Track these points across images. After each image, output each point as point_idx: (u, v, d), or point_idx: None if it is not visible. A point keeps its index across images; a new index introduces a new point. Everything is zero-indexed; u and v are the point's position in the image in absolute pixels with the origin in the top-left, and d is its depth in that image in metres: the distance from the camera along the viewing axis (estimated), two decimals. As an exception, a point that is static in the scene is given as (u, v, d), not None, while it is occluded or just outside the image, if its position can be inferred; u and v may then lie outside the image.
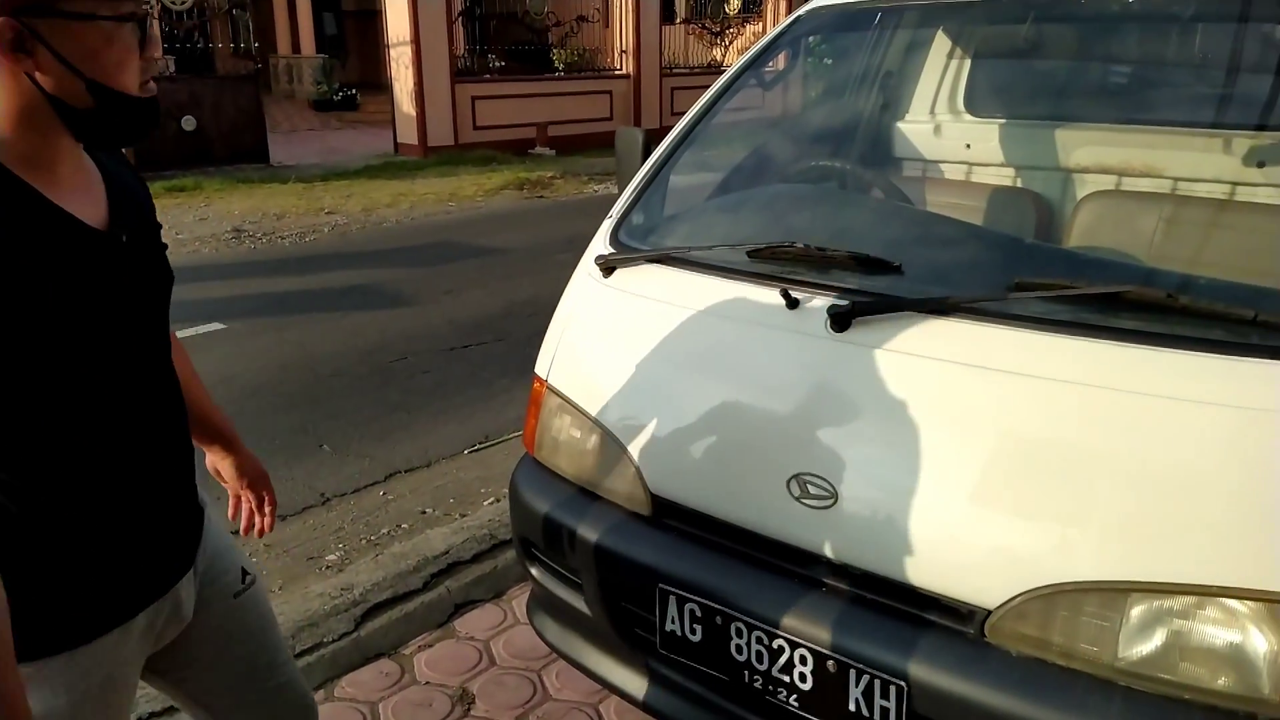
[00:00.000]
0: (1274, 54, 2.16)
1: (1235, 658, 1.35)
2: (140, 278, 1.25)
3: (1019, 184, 2.85)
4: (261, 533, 1.65)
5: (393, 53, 13.46)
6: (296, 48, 20.63)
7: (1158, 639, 1.38)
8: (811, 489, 1.63)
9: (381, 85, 15.44)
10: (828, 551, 1.63)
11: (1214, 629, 1.36)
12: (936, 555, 1.53)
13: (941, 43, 2.92)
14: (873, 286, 1.74)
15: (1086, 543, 1.42)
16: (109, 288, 1.18)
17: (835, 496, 1.61)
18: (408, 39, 12.98)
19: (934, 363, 1.60)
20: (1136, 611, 1.39)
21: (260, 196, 10.41)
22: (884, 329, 1.66)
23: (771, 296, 1.79)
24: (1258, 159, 2.51)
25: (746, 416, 1.77)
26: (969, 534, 1.51)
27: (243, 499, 1.63)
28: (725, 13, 17.95)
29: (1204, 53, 2.34)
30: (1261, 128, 2.51)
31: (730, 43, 17.69)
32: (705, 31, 17.71)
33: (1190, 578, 1.36)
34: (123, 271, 1.21)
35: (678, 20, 18.07)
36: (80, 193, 1.19)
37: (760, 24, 17.62)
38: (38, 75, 1.08)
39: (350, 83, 19.95)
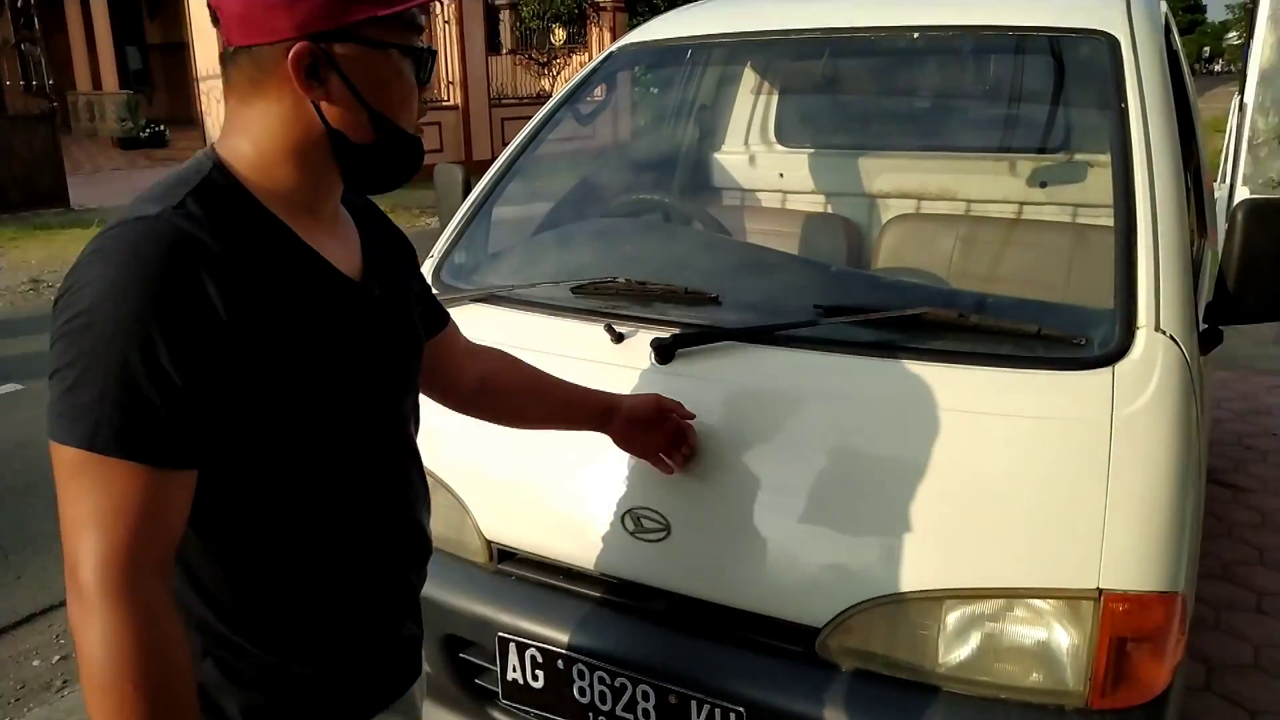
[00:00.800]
0: (1049, 82, 2.35)
1: (1043, 654, 1.43)
2: (390, 334, 1.12)
3: (830, 210, 2.99)
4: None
5: (203, 86, 12.90)
6: (98, 83, 19.40)
7: (973, 642, 1.45)
8: (645, 523, 1.64)
9: (193, 120, 14.71)
10: (665, 584, 1.64)
11: (1023, 629, 1.44)
12: (767, 578, 1.56)
13: (750, 77, 3.04)
14: (694, 318, 1.77)
15: (904, 555, 1.48)
16: (359, 341, 1.06)
17: (668, 528, 1.62)
18: (218, 72, 12.43)
19: (754, 389, 1.65)
20: (952, 618, 1.46)
21: (60, 243, 9.69)
22: (706, 360, 1.69)
23: (597, 332, 1.79)
24: (1040, 180, 2.73)
25: (578, 455, 1.77)
26: (796, 555, 1.56)
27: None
28: (551, 43, 18.10)
29: (990, 83, 2.52)
30: (1041, 151, 2.73)
31: (558, 73, 17.85)
32: (532, 62, 17.80)
33: (999, 581, 1.44)
34: (373, 326, 1.09)
35: (504, 51, 18.09)
36: (338, 240, 1.08)
37: (586, 54, 17.87)
38: (324, 105, 0.99)
39: (158, 119, 18.90)
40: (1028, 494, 1.45)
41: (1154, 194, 1.65)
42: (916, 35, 2.02)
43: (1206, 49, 59.51)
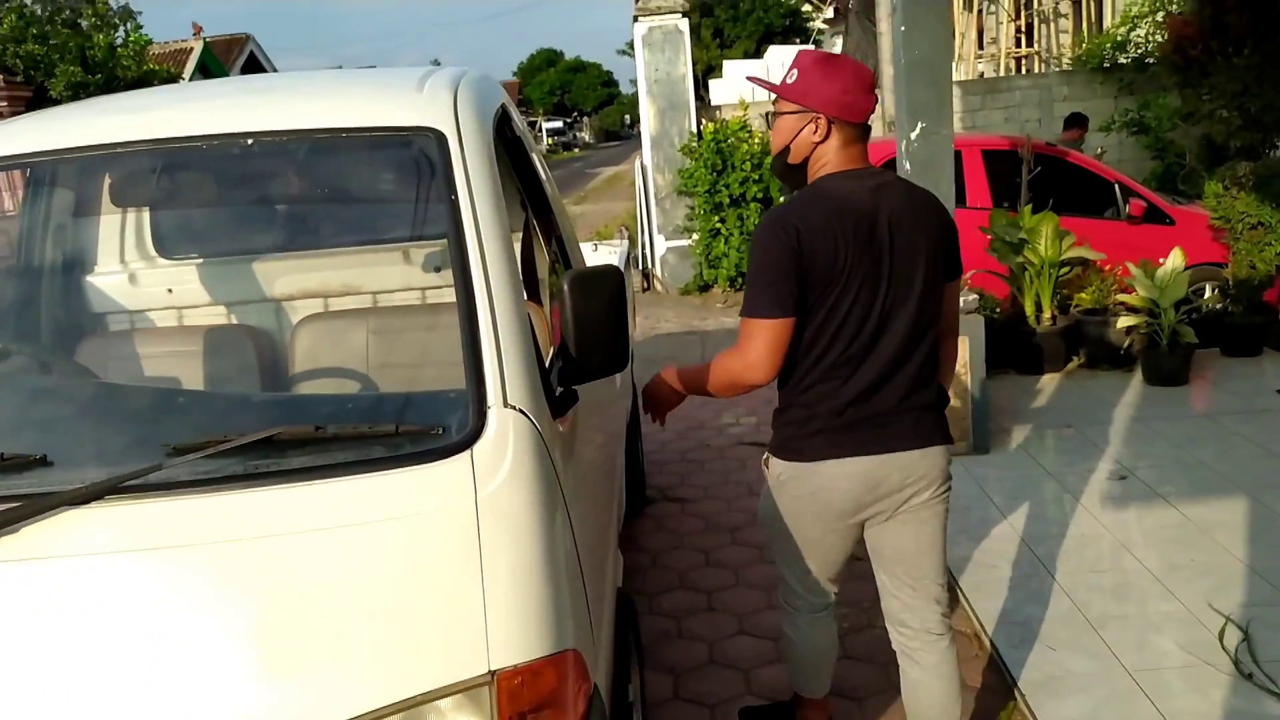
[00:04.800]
0: (401, 178, 2.42)
1: (455, 752, 1.41)
2: None
3: (234, 320, 2.81)
4: None
5: None
6: None
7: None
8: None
9: None
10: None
11: (433, 735, 1.41)
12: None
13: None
14: (19, 488, 1.50)
15: (294, 699, 1.36)
16: None
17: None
18: None
19: (102, 559, 1.43)
20: (356, 749, 1.38)
21: None
22: (41, 535, 1.44)
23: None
24: (433, 264, 2.82)
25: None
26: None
27: None
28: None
29: (353, 180, 2.53)
30: (423, 238, 2.82)
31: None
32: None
33: (398, 695, 1.39)
34: None
35: None
36: None
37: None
38: None
39: None
40: (409, 597, 1.43)
41: (488, 277, 1.74)
42: (251, 143, 1.95)
43: (628, 116, 69.07)
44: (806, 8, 27.69)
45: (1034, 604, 3.33)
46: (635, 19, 9.91)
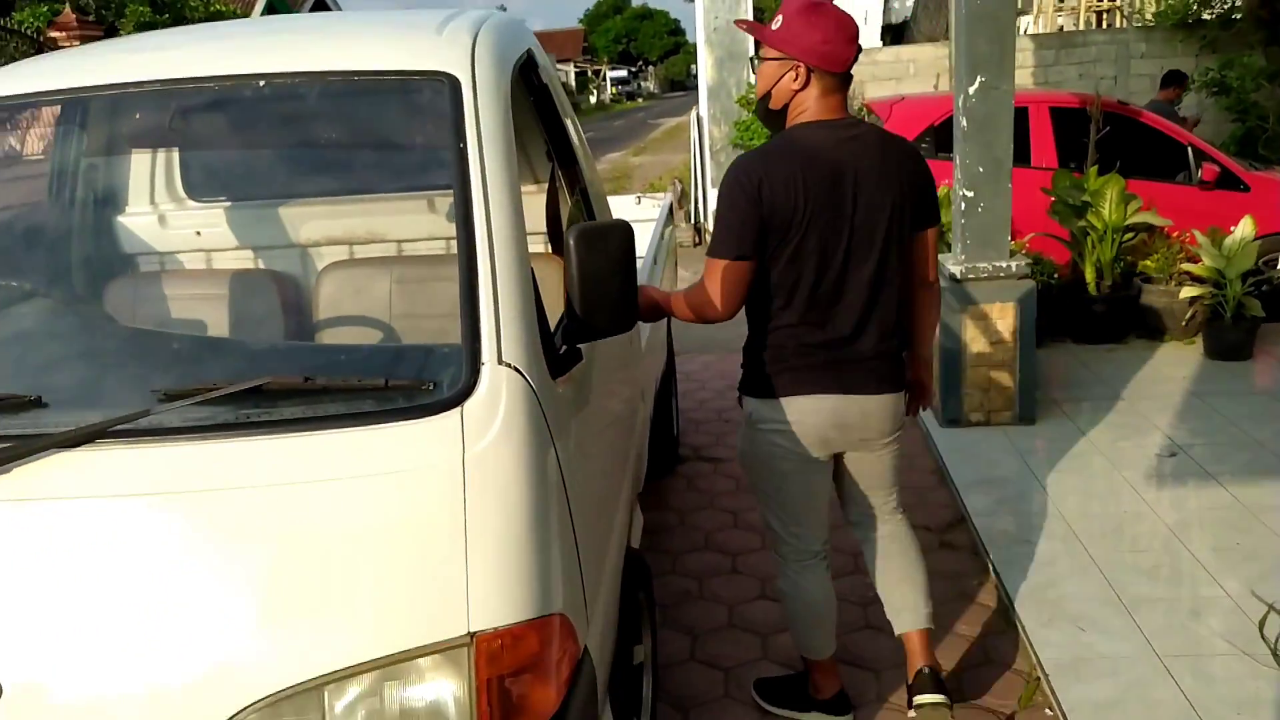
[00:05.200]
0: (415, 123, 2.37)
1: (435, 712, 1.39)
2: None
3: (260, 265, 2.81)
4: None
5: None
6: None
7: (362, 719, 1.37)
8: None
9: None
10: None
11: (411, 691, 1.39)
12: (132, 714, 1.36)
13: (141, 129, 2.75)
14: (11, 428, 1.51)
15: (273, 651, 1.36)
16: None
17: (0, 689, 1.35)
18: None
19: (90, 502, 1.43)
20: (338, 704, 1.37)
21: None
22: (31, 476, 1.44)
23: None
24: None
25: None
26: (161, 679, 1.37)
27: None
28: None
29: (374, 125, 2.49)
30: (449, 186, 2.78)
31: None
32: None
33: (376, 651, 1.38)
34: None
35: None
36: None
37: None
38: None
39: None
40: (391, 555, 1.41)
41: (492, 230, 1.69)
42: (263, 84, 1.91)
43: (693, 66, 68.27)
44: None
45: (1067, 582, 3.23)
46: (695, -35, 9.68)
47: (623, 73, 66.47)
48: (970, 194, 4.42)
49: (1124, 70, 9.61)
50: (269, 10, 25.87)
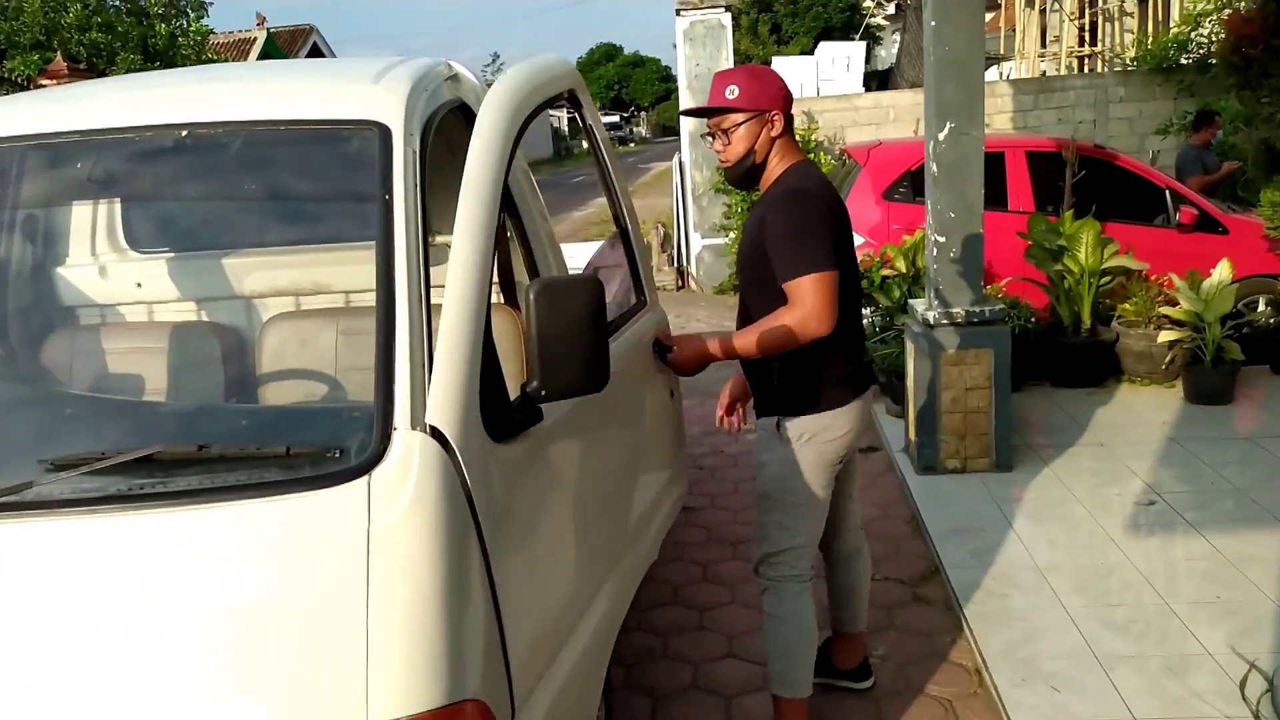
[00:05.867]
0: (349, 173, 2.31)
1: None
2: None
3: (204, 317, 2.73)
4: None
5: None
6: None
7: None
8: None
9: None
10: None
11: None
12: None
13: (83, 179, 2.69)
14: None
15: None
16: None
17: None
18: None
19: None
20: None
21: None
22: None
23: None
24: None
25: None
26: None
27: None
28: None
29: (315, 174, 2.43)
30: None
31: None
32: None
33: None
34: None
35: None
36: None
37: None
38: None
39: None
40: (285, 639, 1.31)
41: (420, 283, 1.62)
42: (185, 134, 1.85)
43: (681, 111, 69.26)
44: (867, 4, 27.22)
45: (1042, 639, 3.13)
46: (678, 13, 9.74)
47: (614, 118, 67.06)
48: (942, 239, 4.38)
49: (1103, 114, 9.67)
50: (263, 57, 26.17)
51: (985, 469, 4.52)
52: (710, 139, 2.49)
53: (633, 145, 60.39)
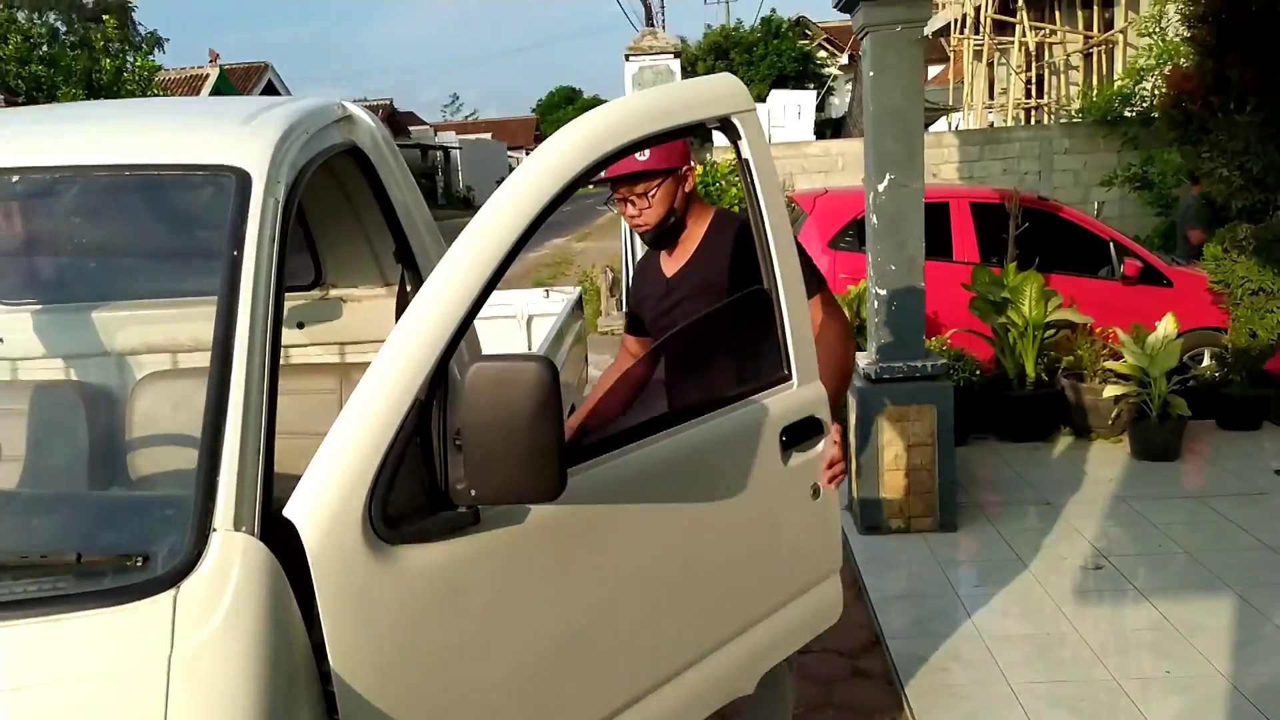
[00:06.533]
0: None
1: None
2: None
3: (73, 375, 2.48)
4: None
5: None
6: None
7: None
8: None
9: None
10: None
11: None
12: None
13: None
14: None
15: None
16: None
17: None
18: None
19: None
20: None
21: None
22: None
23: None
24: (296, 320, 2.50)
25: None
26: None
27: None
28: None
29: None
30: (293, 289, 2.51)
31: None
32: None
33: None
34: None
35: None
36: None
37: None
38: None
39: None
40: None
41: (268, 348, 1.41)
42: (16, 180, 1.63)
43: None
44: (822, 54, 27.73)
45: (985, 717, 2.94)
46: (627, 58, 9.69)
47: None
48: (883, 292, 4.25)
49: (1048, 165, 9.75)
50: (215, 93, 25.85)
51: (929, 529, 4.36)
52: (623, 204, 2.31)
53: (590, 187, 60.52)
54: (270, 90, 32.62)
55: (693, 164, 2.36)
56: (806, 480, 2.10)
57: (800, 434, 2.05)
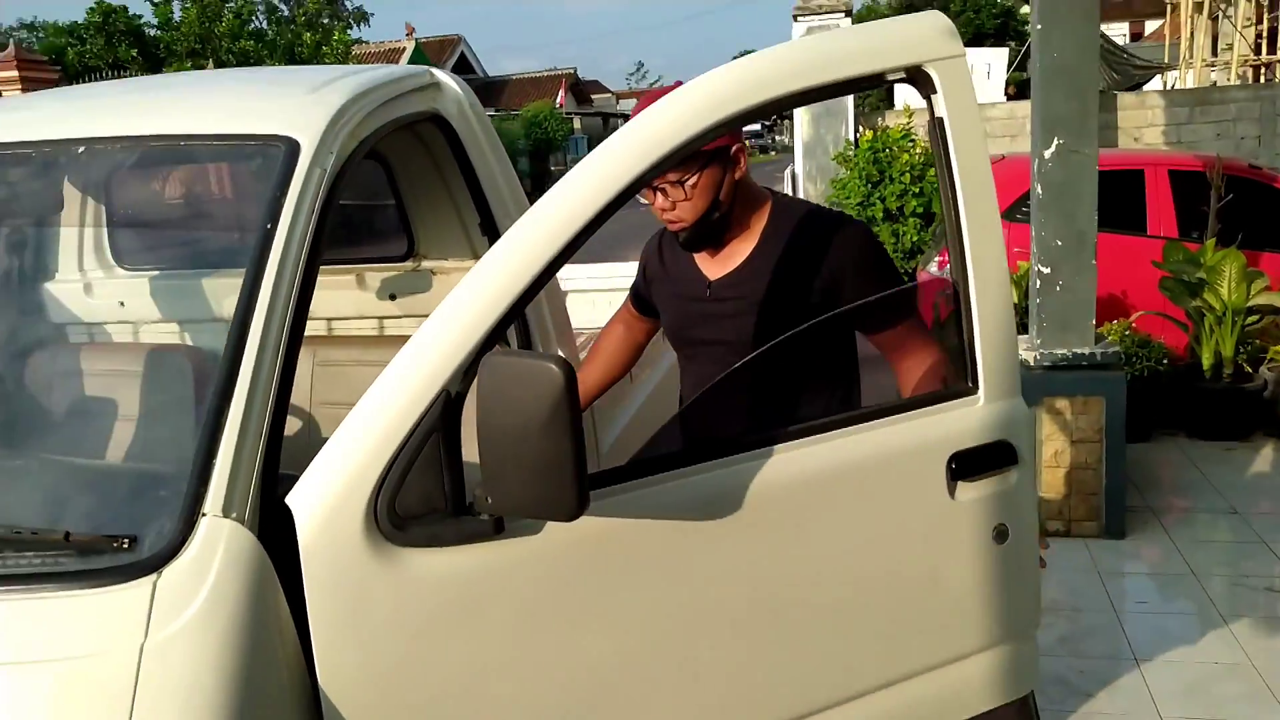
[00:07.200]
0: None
1: None
2: None
3: (187, 339, 2.56)
4: None
5: None
6: None
7: None
8: None
9: None
10: None
11: None
12: None
13: (71, 192, 2.57)
14: None
15: None
16: None
17: None
18: None
19: None
20: None
21: None
22: None
23: None
24: (389, 292, 2.47)
25: None
26: None
27: None
28: None
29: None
30: (384, 260, 2.49)
31: None
32: None
33: None
34: None
35: None
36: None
37: None
38: None
39: None
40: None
41: (288, 327, 1.36)
42: (81, 150, 1.65)
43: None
44: (1025, 10, 25.92)
45: (1129, 757, 2.62)
46: (795, 18, 9.33)
47: (756, 126, 66.47)
48: (1047, 270, 3.85)
49: (1270, 130, 8.67)
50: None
51: (1093, 534, 3.95)
52: (653, 194, 1.78)
53: (773, 155, 59.49)
54: (462, 60, 33.87)
55: (743, 141, 1.83)
56: (987, 519, 1.68)
57: (980, 461, 1.64)
